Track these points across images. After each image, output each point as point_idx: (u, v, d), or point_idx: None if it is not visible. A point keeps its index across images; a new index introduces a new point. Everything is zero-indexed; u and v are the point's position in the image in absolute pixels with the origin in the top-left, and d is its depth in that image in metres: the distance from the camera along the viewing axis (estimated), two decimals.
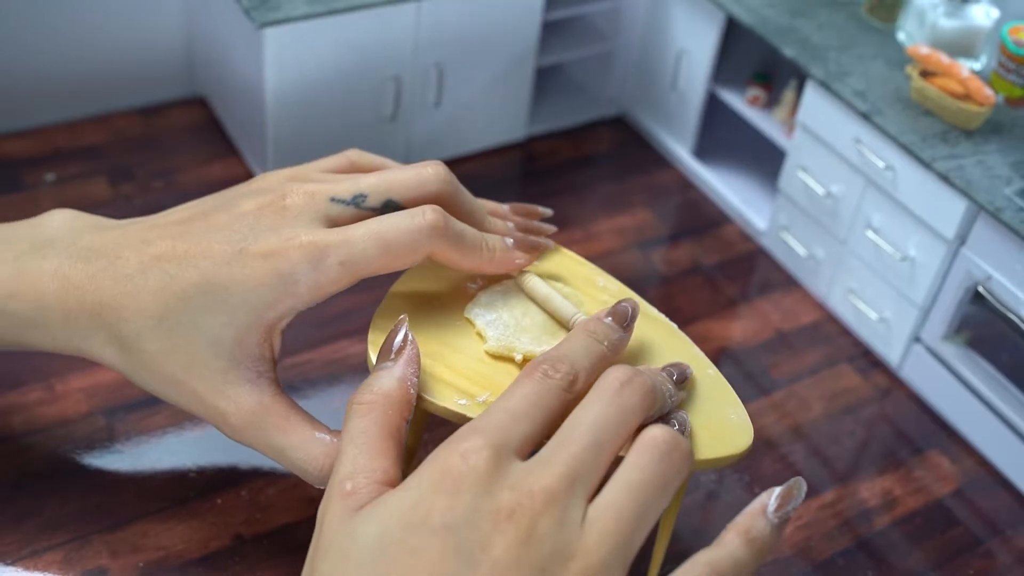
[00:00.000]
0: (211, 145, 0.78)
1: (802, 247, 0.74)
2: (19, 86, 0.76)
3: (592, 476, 0.38)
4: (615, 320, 0.45)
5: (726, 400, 0.47)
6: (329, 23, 0.68)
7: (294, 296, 0.45)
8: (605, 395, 0.40)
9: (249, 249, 0.45)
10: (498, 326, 0.48)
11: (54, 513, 0.52)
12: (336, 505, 0.38)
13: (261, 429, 0.46)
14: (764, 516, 0.40)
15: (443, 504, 0.36)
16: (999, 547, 0.58)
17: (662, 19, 0.81)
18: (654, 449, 0.39)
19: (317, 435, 0.46)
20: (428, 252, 0.47)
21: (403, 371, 0.43)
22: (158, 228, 0.47)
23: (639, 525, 0.37)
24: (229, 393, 0.46)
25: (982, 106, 0.64)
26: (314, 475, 0.46)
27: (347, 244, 0.45)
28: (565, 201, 0.78)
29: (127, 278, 0.45)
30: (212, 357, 0.45)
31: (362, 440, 0.40)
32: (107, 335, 0.46)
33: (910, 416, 0.66)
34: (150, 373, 0.46)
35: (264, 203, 0.47)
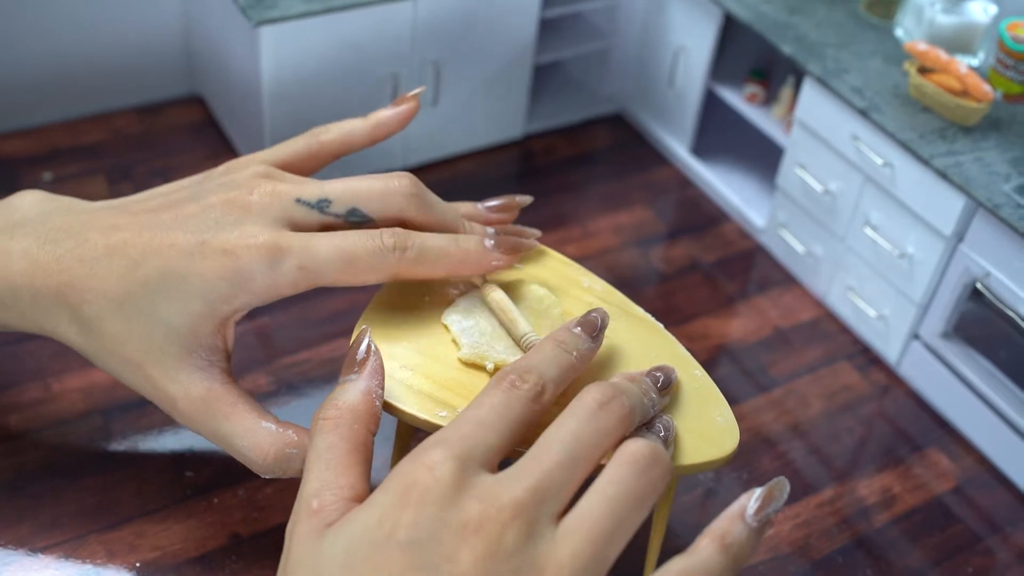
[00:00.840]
0: (209, 144, 0.78)
1: (800, 244, 0.73)
2: (17, 85, 0.76)
3: (563, 493, 0.37)
4: (584, 330, 0.44)
5: (712, 401, 0.47)
6: (325, 21, 0.68)
7: (249, 292, 0.46)
8: (582, 414, 0.39)
9: (210, 242, 0.46)
10: (473, 333, 0.48)
11: (51, 513, 0.52)
12: (304, 523, 0.38)
13: (208, 416, 0.46)
14: (742, 520, 0.38)
15: (408, 518, 0.35)
16: (998, 544, 0.58)
17: (660, 16, 0.81)
18: (633, 464, 0.38)
19: (263, 424, 0.46)
20: (392, 274, 0.47)
21: (368, 383, 0.42)
22: (128, 214, 0.48)
23: (614, 539, 0.36)
24: (180, 379, 0.46)
25: (980, 102, 0.64)
26: (259, 464, 0.46)
27: (309, 251, 0.46)
28: (563, 199, 0.78)
29: (93, 261, 0.46)
30: (167, 343, 0.46)
31: (328, 456, 0.40)
32: (70, 315, 0.46)
33: (909, 413, 0.66)
34: (109, 355, 0.46)
35: (231, 198, 0.47)
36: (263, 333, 0.63)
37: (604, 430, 0.39)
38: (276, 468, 0.46)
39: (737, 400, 0.64)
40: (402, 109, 0.56)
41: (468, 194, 0.77)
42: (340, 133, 0.54)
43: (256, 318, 0.64)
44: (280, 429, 0.46)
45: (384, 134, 0.55)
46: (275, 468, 0.46)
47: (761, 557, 0.55)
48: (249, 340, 0.63)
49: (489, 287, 0.50)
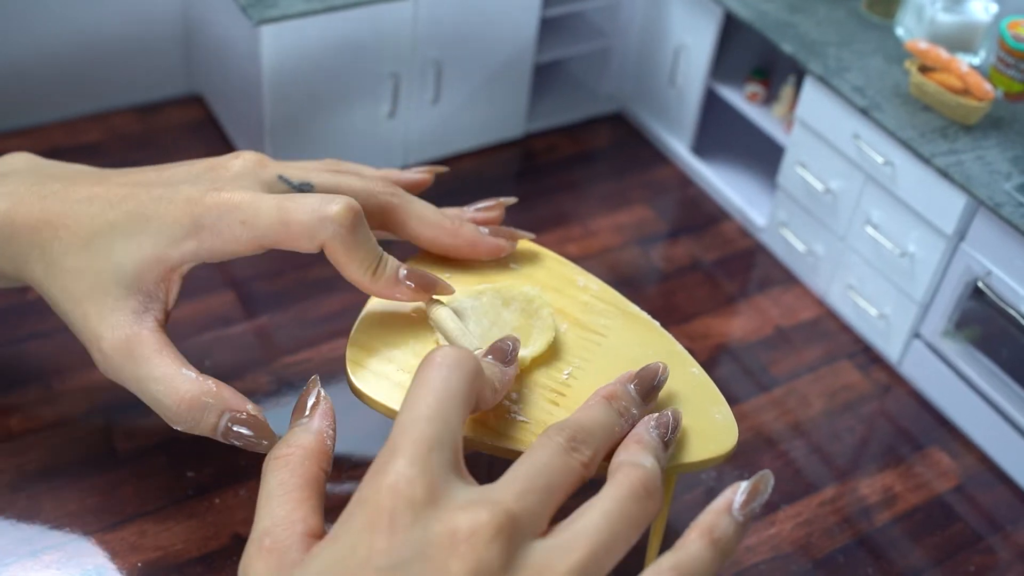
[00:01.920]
0: (208, 143, 0.78)
1: (801, 243, 0.73)
2: (16, 84, 0.76)
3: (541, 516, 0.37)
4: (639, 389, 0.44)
5: (711, 399, 0.47)
6: (326, 20, 0.68)
7: (198, 240, 0.46)
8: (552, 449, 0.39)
9: (181, 189, 0.47)
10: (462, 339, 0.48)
11: (53, 513, 0.51)
12: (259, 563, 0.37)
13: (129, 358, 0.46)
14: (728, 514, 0.38)
15: (382, 543, 0.34)
16: (1000, 543, 0.58)
17: (660, 15, 0.81)
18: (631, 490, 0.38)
19: (183, 371, 0.46)
20: (321, 243, 0.46)
21: (319, 424, 0.43)
22: (118, 174, 0.50)
23: (610, 554, 0.36)
24: (111, 318, 0.46)
25: (981, 101, 0.64)
26: (172, 409, 0.45)
27: (253, 206, 0.46)
28: (564, 198, 0.78)
29: (75, 202, 0.47)
30: (112, 283, 0.46)
31: (279, 492, 0.39)
32: (39, 252, 0.47)
33: (910, 412, 0.66)
34: (61, 291, 0.47)
35: (216, 161, 0.49)
36: (262, 333, 0.63)
37: (572, 469, 0.39)
38: (189, 416, 0.45)
39: (738, 399, 0.64)
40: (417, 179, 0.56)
41: (469, 193, 0.77)
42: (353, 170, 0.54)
43: (255, 317, 0.64)
44: (200, 378, 0.46)
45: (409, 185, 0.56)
46: (188, 416, 0.45)
47: (762, 556, 0.55)
48: (249, 340, 0.63)
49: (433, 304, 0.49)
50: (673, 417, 0.43)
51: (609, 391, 0.43)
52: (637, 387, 0.44)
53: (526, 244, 0.54)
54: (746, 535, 0.39)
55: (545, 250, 0.54)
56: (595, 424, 0.41)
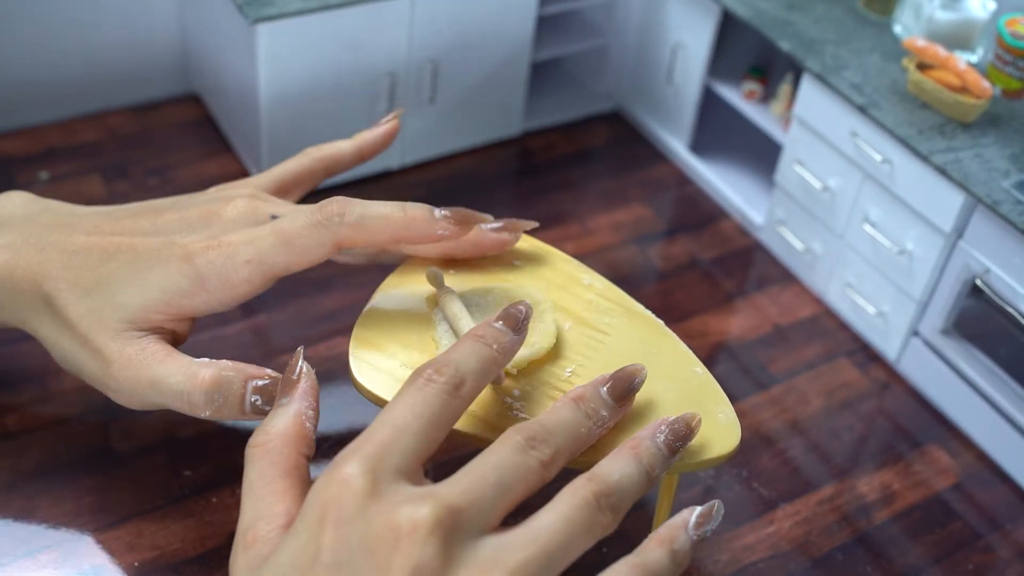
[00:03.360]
0: (205, 142, 0.78)
1: (799, 241, 0.73)
2: (12, 84, 0.75)
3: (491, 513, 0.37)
4: (506, 323, 0.43)
5: (714, 399, 0.47)
6: (323, 19, 0.68)
7: (206, 291, 0.47)
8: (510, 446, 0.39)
9: (177, 241, 0.47)
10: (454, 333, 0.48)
11: (49, 513, 0.51)
12: (241, 558, 0.37)
13: (142, 366, 0.46)
14: (685, 531, 0.40)
15: (328, 540, 0.34)
16: (998, 541, 0.58)
17: (657, 13, 0.81)
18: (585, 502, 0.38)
19: (197, 360, 0.46)
20: (335, 243, 0.47)
21: (298, 406, 0.42)
22: (112, 219, 0.50)
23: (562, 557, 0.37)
24: (114, 345, 0.46)
25: (979, 99, 0.64)
26: (195, 394, 0.45)
27: (253, 243, 0.47)
28: (561, 197, 0.78)
29: (72, 254, 0.48)
30: (114, 319, 0.46)
31: (260, 484, 0.39)
32: (43, 304, 0.48)
33: (909, 410, 0.66)
34: (69, 340, 0.47)
35: (211, 210, 0.49)
36: (260, 332, 0.63)
37: (529, 468, 0.39)
38: (215, 395, 0.45)
39: (736, 398, 0.64)
40: (385, 128, 0.58)
41: (466, 192, 0.78)
42: (331, 151, 0.57)
43: (253, 316, 0.64)
44: (215, 361, 0.46)
45: (369, 154, 0.58)
46: (214, 395, 0.45)
47: (761, 554, 0.55)
48: (246, 339, 0.62)
49: (445, 292, 0.49)
50: (688, 425, 0.43)
51: (578, 393, 0.43)
52: (610, 390, 0.44)
53: (531, 242, 0.54)
54: (695, 555, 0.42)
55: (550, 248, 0.54)
56: (558, 424, 0.41)
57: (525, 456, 0.39)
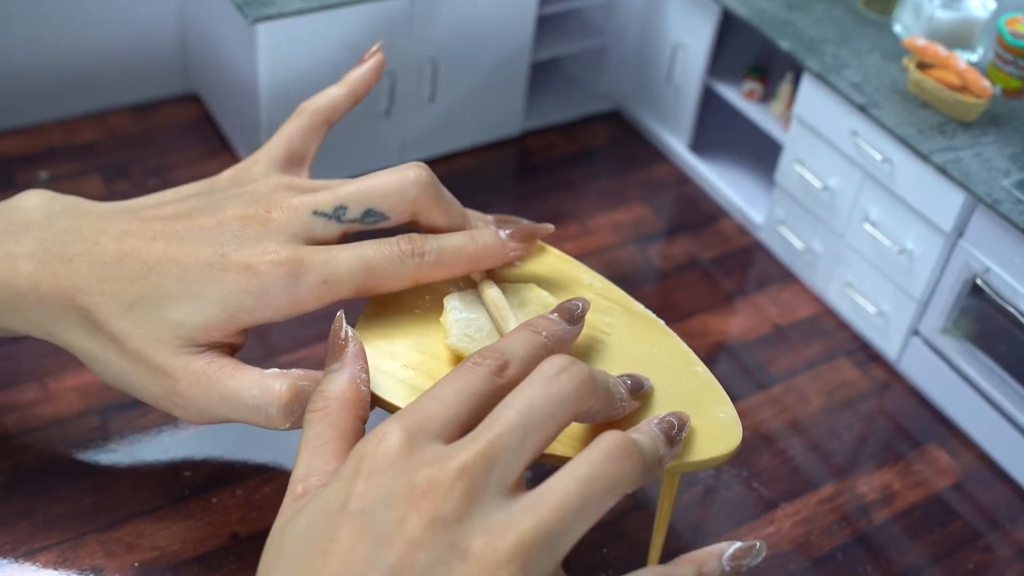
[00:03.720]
0: (205, 142, 0.78)
1: (799, 241, 0.73)
2: (12, 84, 0.75)
3: (515, 461, 0.37)
4: (561, 316, 0.44)
5: (715, 398, 0.47)
6: (322, 18, 0.68)
7: (271, 308, 0.46)
8: (537, 381, 0.39)
9: (231, 255, 0.46)
10: (470, 326, 0.48)
11: (48, 513, 0.51)
12: (286, 505, 0.39)
13: (212, 381, 0.45)
14: (719, 560, 0.41)
15: (359, 489, 0.36)
16: (999, 541, 0.58)
17: (657, 13, 0.81)
18: (606, 452, 0.38)
19: (268, 371, 0.46)
20: (414, 279, 0.48)
21: (351, 370, 0.43)
22: (139, 220, 0.48)
23: (579, 518, 0.37)
24: (181, 357, 0.46)
25: (979, 98, 0.64)
26: (275, 408, 0.45)
27: (329, 265, 0.46)
28: (561, 196, 0.78)
29: (104, 265, 0.46)
30: (171, 336, 0.46)
31: (317, 443, 0.40)
32: (77, 317, 0.46)
33: (909, 410, 0.66)
34: (113, 354, 0.46)
35: (249, 215, 0.48)
36: (260, 331, 0.63)
37: (560, 396, 0.39)
38: (295, 407, 0.45)
39: (736, 397, 0.64)
40: (372, 63, 0.58)
41: (466, 192, 0.77)
42: (325, 100, 0.56)
43: None
44: (283, 371, 0.46)
45: (363, 90, 0.57)
46: (294, 407, 0.45)
47: None
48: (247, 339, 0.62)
49: (486, 284, 0.49)
50: (678, 419, 0.44)
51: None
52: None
53: None
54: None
55: (550, 247, 0.54)
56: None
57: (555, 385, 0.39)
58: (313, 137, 0.55)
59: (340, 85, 0.57)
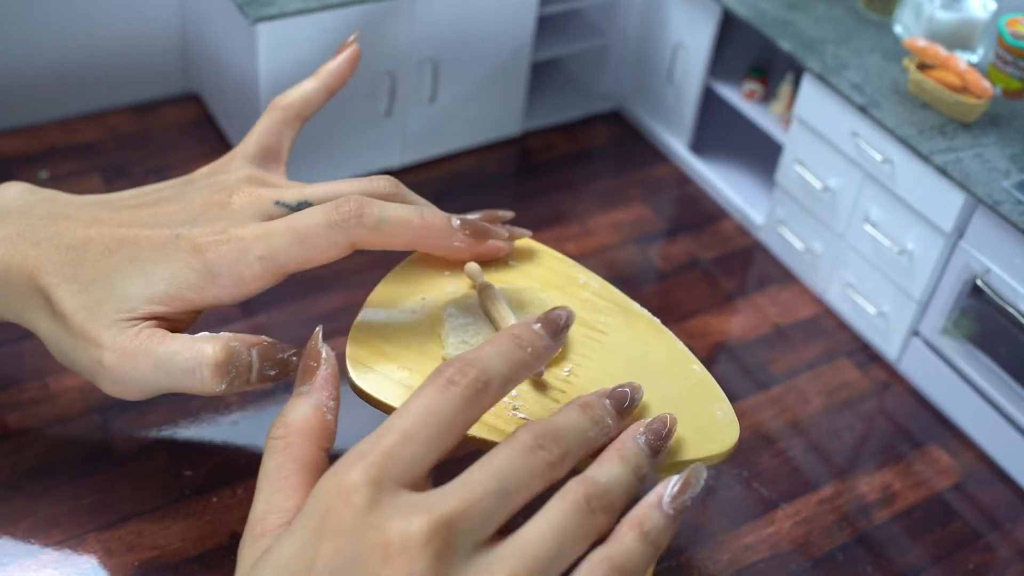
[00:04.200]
0: (205, 141, 0.78)
1: (799, 241, 0.73)
2: (12, 83, 0.75)
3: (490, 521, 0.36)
4: (544, 327, 0.41)
5: (712, 396, 0.47)
6: (323, 18, 0.68)
7: (218, 287, 0.46)
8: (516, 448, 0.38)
9: (184, 235, 0.46)
10: (467, 331, 0.47)
11: (49, 512, 0.51)
12: (247, 548, 0.37)
13: (140, 352, 0.45)
14: (659, 508, 0.39)
15: (327, 548, 0.34)
16: (999, 541, 0.58)
17: (658, 13, 0.81)
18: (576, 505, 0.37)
19: (197, 336, 0.45)
20: (350, 243, 0.46)
21: (317, 397, 0.41)
22: (110, 210, 0.49)
23: (553, 566, 0.36)
24: (110, 330, 0.45)
25: (980, 99, 0.64)
26: (208, 371, 0.44)
27: (266, 238, 0.46)
28: (561, 196, 0.78)
29: (69, 248, 0.47)
30: (112, 310, 0.45)
31: (277, 477, 0.39)
32: (40, 298, 0.47)
33: (909, 410, 0.66)
34: (63, 332, 0.46)
35: (213, 200, 0.48)
36: (261, 331, 0.63)
37: (535, 471, 0.38)
38: (229, 367, 0.44)
39: (737, 397, 0.64)
40: (346, 55, 0.57)
41: (466, 192, 0.78)
42: (297, 94, 0.56)
43: (253, 316, 0.64)
44: (220, 334, 0.45)
45: (337, 83, 0.57)
46: (228, 367, 0.44)
47: (761, 555, 0.55)
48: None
49: (484, 283, 0.49)
50: (664, 424, 0.42)
51: (584, 400, 0.42)
52: (611, 402, 0.43)
53: (527, 242, 0.54)
54: (676, 528, 0.40)
55: (545, 247, 0.54)
56: (567, 425, 0.40)
57: (532, 458, 0.38)
58: (286, 132, 0.55)
59: (313, 78, 0.57)
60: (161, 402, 0.57)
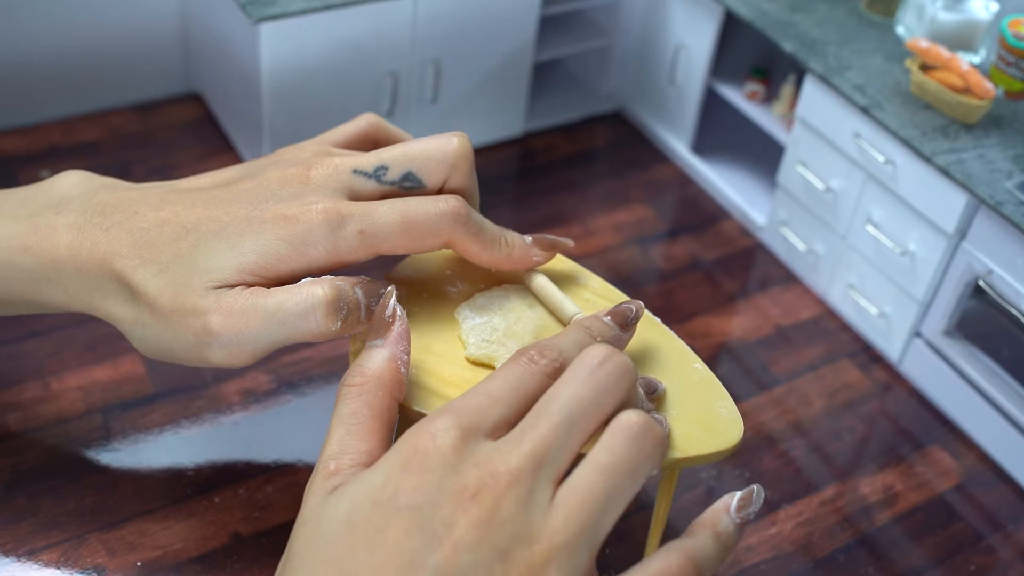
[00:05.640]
0: (207, 141, 0.78)
1: (802, 242, 0.73)
2: (14, 83, 0.75)
3: (561, 457, 0.37)
4: (614, 319, 0.45)
5: (715, 394, 0.47)
6: (325, 18, 0.68)
7: (307, 257, 0.45)
8: (581, 373, 0.39)
9: (270, 209, 0.45)
10: (485, 330, 0.47)
11: (51, 512, 0.51)
12: (317, 484, 0.38)
13: (248, 308, 0.44)
14: (728, 514, 0.41)
15: (410, 483, 0.36)
16: (1000, 542, 0.58)
17: (660, 14, 0.81)
18: (626, 431, 0.39)
19: (300, 283, 0.44)
20: (448, 239, 0.47)
21: (392, 350, 0.42)
22: (177, 192, 0.48)
23: (608, 508, 0.37)
24: (209, 296, 0.44)
25: (982, 100, 0.64)
26: (322, 311, 0.44)
27: (369, 216, 0.46)
28: (563, 197, 0.78)
29: (142, 231, 0.46)
30: (203, 280, 0.44)
31: (351, 422, 0.40)
32: (115, 283, 0.46)
33: (911, 411, 0.66)
34: (148, 315, 0.45)
35: (289, 174, 0.47)
36: None
37: (604, 387, 0.39)
38: (340, 303, 0.44)
39: (738, 398, 0.64)
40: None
41: None
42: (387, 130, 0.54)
43: None
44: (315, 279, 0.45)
45: None
46: (339, 304, 0.44)
47: (763, 555, 0.55)
48: None
49: (532, 273, 0.50)
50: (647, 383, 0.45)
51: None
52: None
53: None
54: (742, 538, 0.41)
55: None
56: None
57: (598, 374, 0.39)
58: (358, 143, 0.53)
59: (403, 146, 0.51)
60: (162, 402, 0.57)
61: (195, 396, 0.58)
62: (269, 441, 0.56)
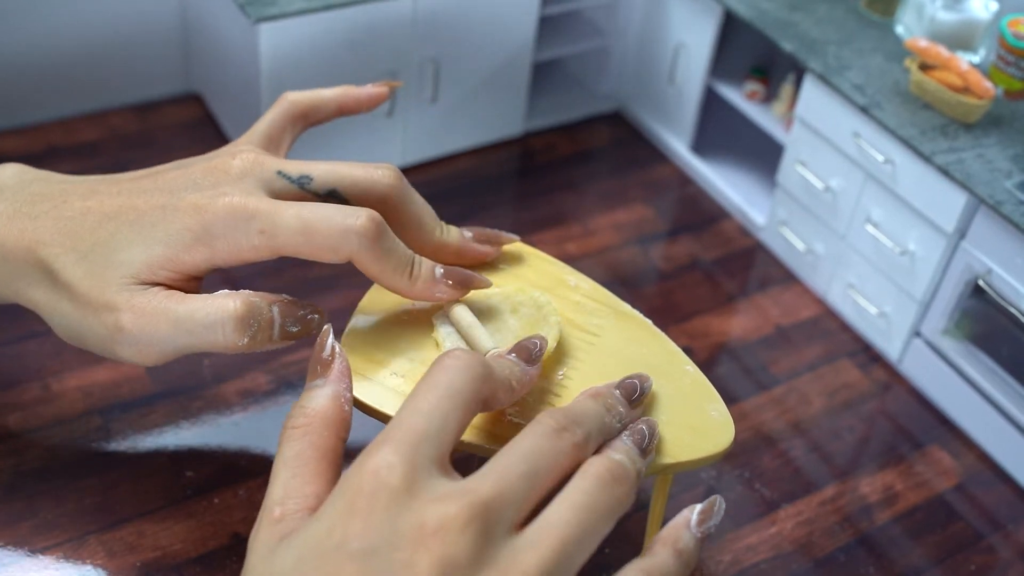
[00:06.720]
0: (206, 141, 0.78)
1: (801, 242, 0.73)
2: (13, 83, 0.75)
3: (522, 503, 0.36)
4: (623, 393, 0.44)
5: (706, 397, 0.47)
6: (325, 18, 0.68)
7: (211, 249, 0.45)
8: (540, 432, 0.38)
9: (184, 197, 0.46)
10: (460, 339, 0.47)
11: (50, 513, 0.51)
12: (263, 532, 0.37)
13: (158, 312, 0.44)
14: (689, 529, 0.40)
15: (358, 527, 0.34)
16: (1000, 542, 0.58)
17: (659, 13, 0.81)
18: (597, 478, 0.38)
19: (216, 293, 0.45)
20: (348, 256, 0.45)
21: (335, 388, 0.41)
22: (107, 183, 0.48)
23: (580, 548, 0.36)
24: (123, 293, 0.44)
25: (981, 99, 0.64)
26: (231, 325, 0.44)
27: (273, 216, 0.45)
28: (563, 197, 0.78)
29: (68, 219, 0.46)
30: (116, 276, 0.45)
31: (296, 464, 0.39)
32: (38, 270, 0.46)
33: (910, 411, 0.66)
34: (66, 303, 0.45)
35: (213, 165, 0.47)
36: None
37: (561, 451, 0.38)
38: (250, 320, 0.44)
39: (738, 398, 0.64)
40: (371, 91, 0.56)
41: (468, 192, 0.78)
42: (310, 94, 0.54)
43: None
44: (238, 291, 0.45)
45: (351, 106, 0.55)
46: (249, 320, 0.44)
47: (763, 555, 0.55)
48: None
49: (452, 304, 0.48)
50: (648, 427, 0.43)
51: (594, 390, 0.43)
52: (621, 392, 0.44)
53: (516, 245, 0.54)
54: (702, 551, 0.42)
55: (534, 250, 0.53)
56: (584, 411, 0.41)
57: (558, 440, 0.38)
58: (290, 127, 0.54)
59: (332, 91, 0.55)
60: (162, 402, 0.57)
61: (195, 396, 0.58)
62: (269, 441, 0.56)
